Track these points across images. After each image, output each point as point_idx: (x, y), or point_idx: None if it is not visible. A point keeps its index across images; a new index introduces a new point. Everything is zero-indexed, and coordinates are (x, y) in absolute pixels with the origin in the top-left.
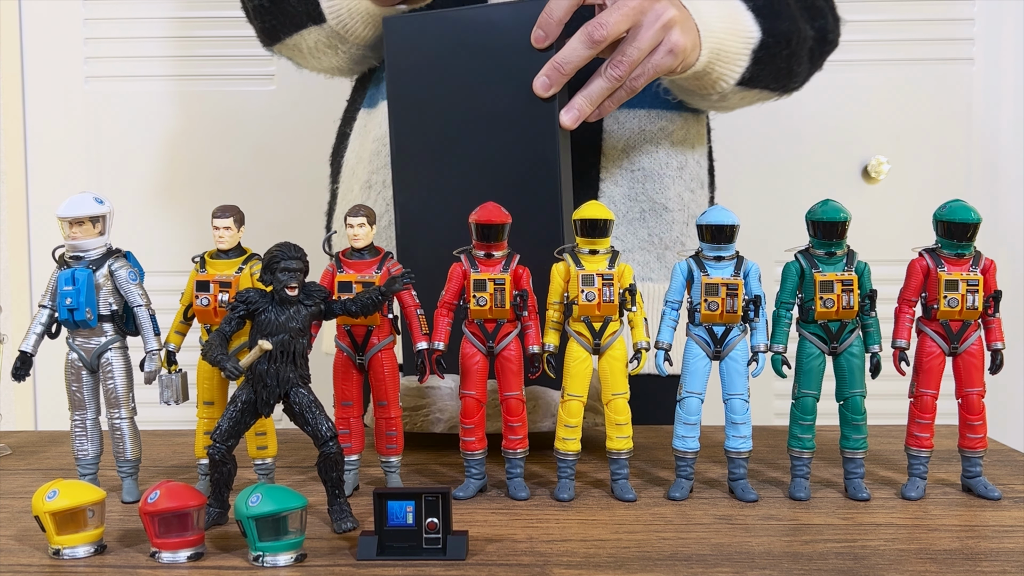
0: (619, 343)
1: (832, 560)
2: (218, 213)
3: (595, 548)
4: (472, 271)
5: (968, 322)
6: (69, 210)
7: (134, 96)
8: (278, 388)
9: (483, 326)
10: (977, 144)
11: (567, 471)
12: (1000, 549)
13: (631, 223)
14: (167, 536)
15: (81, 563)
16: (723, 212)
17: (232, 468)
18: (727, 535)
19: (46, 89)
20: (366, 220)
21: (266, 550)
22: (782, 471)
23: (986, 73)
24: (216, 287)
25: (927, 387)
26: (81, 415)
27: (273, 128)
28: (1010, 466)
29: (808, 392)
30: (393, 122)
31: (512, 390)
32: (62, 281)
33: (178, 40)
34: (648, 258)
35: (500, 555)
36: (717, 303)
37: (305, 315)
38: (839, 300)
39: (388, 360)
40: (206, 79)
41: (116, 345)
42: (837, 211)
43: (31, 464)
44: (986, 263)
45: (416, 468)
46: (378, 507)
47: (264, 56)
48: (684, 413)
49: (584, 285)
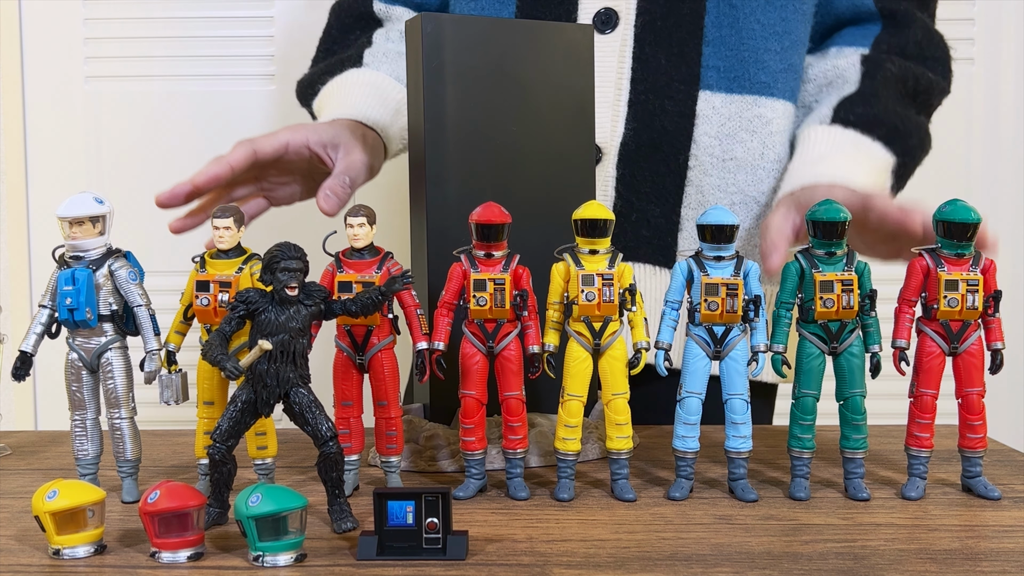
0: (619, 343)
1: (832, 560)
2: (218, 213)
3: (595, 548)
4: (472, 271)
5: (968, 322)
6: (69, 210)
7: (134, 96)
8: (278, 388)
9: (483, 326)
10: (977, 144)
11: (567, 471)
12: (1000, 549)
13: None
14: (167, 536)
15: (81, 563)
16: (723, 212)
17: (232, 468)
18: (727, 535)
19: (46, 89)
20: (366, 220)
21: (266, 550)
22: (782, 471)
23: (986, 73)
24: (216, 287)
25: (927, 387)
26: (81, 415)
27: (273, 128)
28: (1010, 466)
29: (808, 392)
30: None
31: (512, 390)
32: (62, 281)
33: (178, 40)
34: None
35: (500, 555)
36: (717, 303)
37: (305, 315)
38: (839, 300)
39: (388, 360)
40: (206, 79)
41: (116, 345)
42: (837, 211)
43: (31, 464)
44: (986, 263)
45: (416, 468)
46: (378, 507)
47: (264, 56)
48: (684, 413)
49: (584, 285)
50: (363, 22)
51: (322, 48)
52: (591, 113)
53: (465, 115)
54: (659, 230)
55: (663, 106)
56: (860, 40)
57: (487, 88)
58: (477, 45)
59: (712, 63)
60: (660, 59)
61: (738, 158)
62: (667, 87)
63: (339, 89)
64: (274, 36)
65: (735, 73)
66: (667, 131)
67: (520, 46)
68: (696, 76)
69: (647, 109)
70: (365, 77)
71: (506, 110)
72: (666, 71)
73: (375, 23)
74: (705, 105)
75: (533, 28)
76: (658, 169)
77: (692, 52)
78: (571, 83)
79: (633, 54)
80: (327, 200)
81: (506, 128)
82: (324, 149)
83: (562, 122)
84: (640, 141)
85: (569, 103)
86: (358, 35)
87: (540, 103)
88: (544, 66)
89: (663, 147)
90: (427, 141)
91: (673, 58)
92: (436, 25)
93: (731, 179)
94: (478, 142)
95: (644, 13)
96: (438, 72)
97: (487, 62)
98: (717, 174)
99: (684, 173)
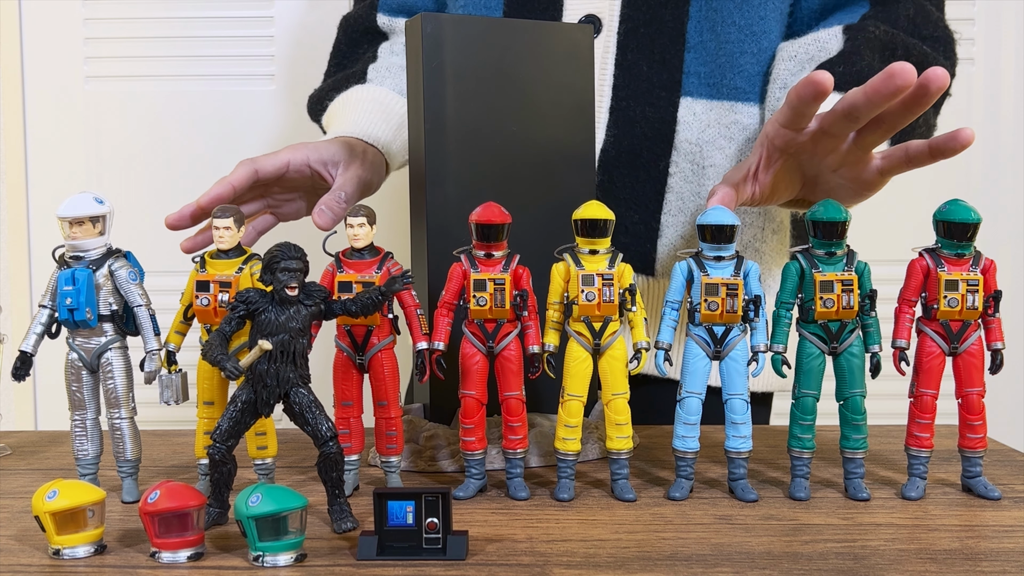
0: (619, 343)
1: (832, 560)
2: (218, 213)
3: (595, 548)
4: (472, 271)
5: (968, 322)
6: (69, 210)
7: (134, 96)
8: (278, 388)
9: (483, 326)
10: (977, 144)
11: (567, 471)
12: (1000, 549)
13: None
14: (167, 536)
15: (81, 563)
16: (723, 212)
17: (232, 468)
18: (727, 535)
19: (46, 89)
20: (366, 220)
21: (266, 550)
22: (782, 471)
23: (986, 73)
24: (216, 287)
25: (927, 387)
26: (81, 415)
27: (273, 128)
28: (1010, 466)
29: (808, 392)
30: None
31: (512, 390)
32: (62, 281)
33: (178, 40)
34: None
35: (500, 555)
36: (717, 303)
37: (305, 315)
38: (839, 300)
39: (388, 360)
40: (206, 79)
41: (116, 345)
42: (837, 211)
43: (31, 464)
44: (986, 263)
45: (416, 468)
46: (378, 507)
47: (264, 56)
48: (684, 413)
49: (584, 285)
50: (370, 36)
51: (333, 63)
52: (591, 113)
53: (465, 115)
54: (638, 237)
55: (644, 113)
56: (844, 20)
57: (487, 88)
58: (477, 45)
59: (693, 69)
60: (642, 66)
61: (717, 164)
62: (648, 93)
63: (343, 106)
64: (274, 36)
65: (714, 79)
66: (647, 137)
67: (520, 46)
68: (677, 83)
69: (628, 116)
70: (368, 94)
71: (506, 110)
72: (647, 77)
73: (381, 36)
74: (686, 112)
75: (533, 28)
76: (638, 176)
77: (674, 59)
78: (571, 83)
79: (615, 60)
80: (321, 215)
81: (506, 128)
82: (325, 167)
83: (562, 122)
84: (620, 147)
85: (569, 103)
86: (365, 49)
87: (540, 103)
88: (544, 66)
89: (643, 154)
90: (427, 141)
91: (655, 65)
92: (436, 25)
93: (710, 185)
94: (478, 142)
95: (627, 20)
96: (438, 72)
97: (487, 62)
98: (697, 180)
99: (664, 180)
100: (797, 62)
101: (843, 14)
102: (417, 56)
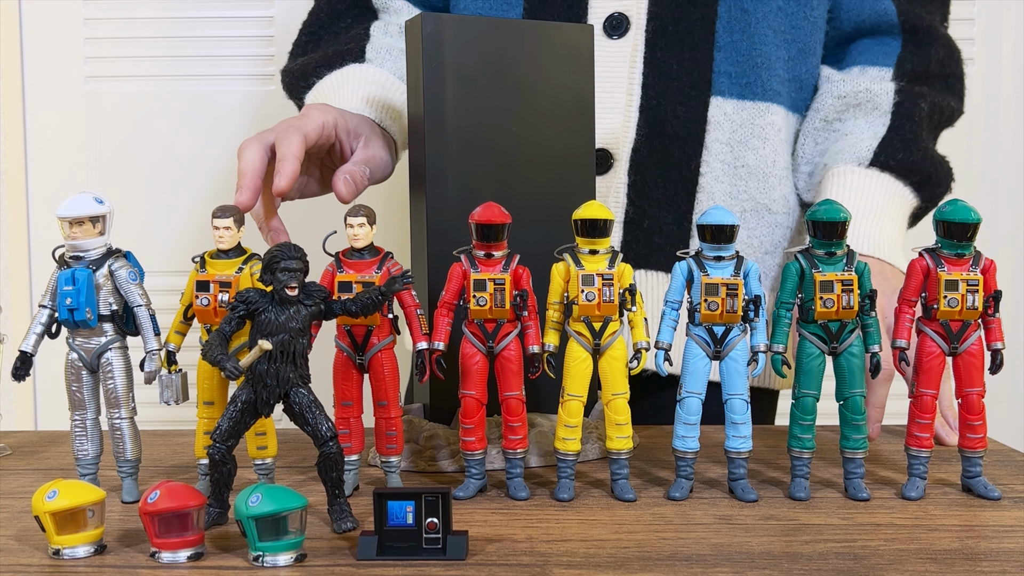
0: (619, 343)
1: (832, 560)
2: (218, 213)
3: (595, 548)
4: (472, 271)
5: (968, 322)
6: (69, 210)
7: (134, 96)
8: (278, 388)
9: (483, 326)
10: (977, 144)
11: (567, 471)
12: (1000, 549)
13: None
14: (167, 536)
15: (81, 563)
16: (723, 212)
17: (232, 468)
18: (727, 535)
19: (46, 89)
20: (366, 220)
21: (266, 550)
22: (782, 471)
23: (986, 73)
24: (216, 287)
25: (927, 387)
26: (81, 415)
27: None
28: (1010, 466)
29: (808, 392)
30: (427, 123)
31: (512, 390)
32: (62, 281)
33: (178, 40)
34: None
35: (500, 555)
36: (717, 303)
37: (305, 315)
38: (839, 300)
39: (388, 360)
40: (206, 79)
41: (116, 345)
42: (837, 211)
43: (31, 464)
44: (986, 263)
45: (416, 468)
46: (378, 507)
47: (264, 56)
48: (684, 413)
49: (584, 285)
50: (356, 10)
51: (306, 31)
52: (591, 113)
53: (465, 115)
54: (671, 237)
55: (675, 112)
56: (882, 59)
57: (487, 88)
58: (477, 45)
59: (724, 68)
60: (672, 64)
61: (749, 165)
62: (679, 92)
63: (342, 82)
64: (274, 36)
65: (747, 79)
66: (678, 137)
67: (520, 46)
68: (708, 82)
69: (658, 115)
70: (370, 74)
71: (506, 110)
72: (677, 76)
73: (370, 13)
74: (716, 111)
75: (533, 28)
76: (670, 175)
77: (704, 57)
78: (571, 83)
79: (644, 59)
80: (347, 184)
81: (506, 128)
82: (348, 136)
83: (562, 122)
84: (651, 147)
85: (569, 103)
86: (349, 23)
87: (540, 103)
88: (544, 66)
89: (675, 153)
90: (427, 141)
91: (685, 63)
92: (436, 25)
93: (742, 186)
94: (478, 142)
95: (655, 18)
96: (438, 72)
97: (487, 62)
98: (728, 181)
99: (696, 180)
100: (844, 103)
101: (875, 44)
102: (417, 56)
